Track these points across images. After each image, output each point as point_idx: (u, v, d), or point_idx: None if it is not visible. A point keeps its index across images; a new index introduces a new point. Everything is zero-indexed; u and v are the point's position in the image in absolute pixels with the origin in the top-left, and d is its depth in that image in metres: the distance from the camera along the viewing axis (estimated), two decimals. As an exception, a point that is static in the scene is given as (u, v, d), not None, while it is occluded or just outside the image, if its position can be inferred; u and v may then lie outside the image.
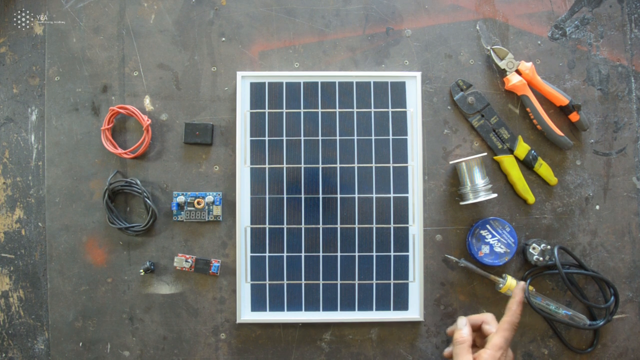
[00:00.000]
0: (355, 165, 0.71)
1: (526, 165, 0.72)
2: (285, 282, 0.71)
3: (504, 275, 0.69)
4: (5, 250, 0.72)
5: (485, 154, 0.72)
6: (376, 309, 0.71)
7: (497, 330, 0.62)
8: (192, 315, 0.71)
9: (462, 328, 0.64)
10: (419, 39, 0.73)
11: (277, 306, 0.71)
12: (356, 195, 0.71)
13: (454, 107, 0.73)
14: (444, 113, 0.73)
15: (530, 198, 0.71)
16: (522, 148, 0.71)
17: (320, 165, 0.71)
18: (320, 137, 0.71)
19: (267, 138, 0.71)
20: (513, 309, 0.63)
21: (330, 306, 0.71)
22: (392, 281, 0.71)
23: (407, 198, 0.71)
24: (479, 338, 0.66)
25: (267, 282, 0.71)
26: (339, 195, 0.71)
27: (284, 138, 0.71)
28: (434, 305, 0.72)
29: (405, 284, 0.71)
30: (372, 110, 0.72)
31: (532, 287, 0.70)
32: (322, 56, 0.73)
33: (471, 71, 0.73)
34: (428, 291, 0.72)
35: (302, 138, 0.71)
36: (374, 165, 0.71)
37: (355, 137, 0.71)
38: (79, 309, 0.71)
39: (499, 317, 0.66)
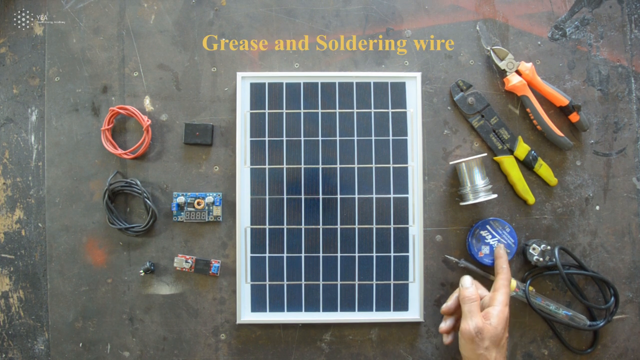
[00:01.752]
0: (355, 165, 0.71)
1: (526, 165, 0.72)
2: (285, 282, 0.71)
3: (504, 275, 0.69)
4: (5, 251, 0.72)
5: (485, 154, 0.72)
6: (376, 310, 0.71)
7: (497, 288, 0.63)
8: (192, 316, 0.71)
9: (470, 287, 0.64)
10: (419, 39, 0.73)
11: (277, 307, 0.71)
12: (356, 196, 0.71)
13: (454, 107, 0.73)
14: (444, 113, 0.73)
15: (530, 198, 0.71)
16: (522, 148, 0.71)
17: (321, 166, 0.71)
18: (320, 138, 0.71)
19: (267, 138, 0.71)
20: (504, 267, 0.65)
21: (330, 307, 0.71)
22: (392, 282, 0.71)
23: (407, 198, 0.71)
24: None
25: (267, 282, 0.71)
26: (339, 196, 0.71)
27: (284, 138, 0.71)
28: (434, 305, 0.72)
29: (405, 284, 0.71)
30: (372, 110, 0.72)
31: (532, 288, 0.70)
32: (322, 57, 0.73)
33: (471, 72, 0.73)
34: (428, 292, 0.72)
35: (302, 138, 0.71)
36: (374, 165, 0.71)
37: (355, 138, 0.71)
38: (79, 310, 0.71)
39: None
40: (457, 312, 0.67)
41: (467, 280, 0.65)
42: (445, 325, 0.67)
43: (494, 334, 0.59)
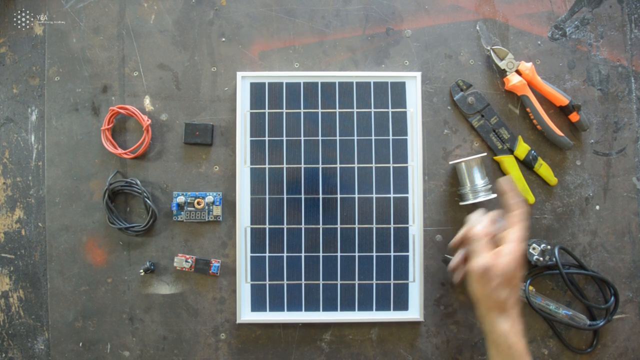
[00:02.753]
0: (355, 165, 0.71)
1: (526, 165, 0.72)
2: (285, 282, 0.71)
3: (504, 275, 0.69)
4: (5, 251, 0.72)
5: (485, 154, 0.72)
6: (376, 309, 0.71)
7: (512, 224, 0.58)
8: (192, 316, 0.71)
9: (479, 224, 0.59)
10: (419, 39, 0.73)
11: (277, 306, 0.71)
12: (356, 196, 0.71)
13: (454, 107, 0.73)
14: (444, 113, 0.73)
15: (530, 198, 0.71)
16: (522, 148, 0.71)
17: (320, 166, 0.71)
18: (320, 137, 0.71)
19: (267, 138, 0.71)
20: (515, 201, 0.60)
21: (330, 306, 0.71)
22: (392, 281, 0.71)
23: (407, 198, 0.71)
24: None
25: (267, 282, 0.71)
26: (339, 196, 0.71)
27: (284, 138, 0.71)
28: (434, 305, 0.72)
29: (405, 284, 0.71)
30: (372, 110, 0.72)
31: (532, 287, 0.70)
32: (322, 56, 0.73)
33: (471, 71, 0.73)
34: (428, 291, 0.72)
35: (302, 138, 0.71)
36: (374, 165, 0.71)
37: (355, 137, 0.71)
38: (79, 309, 0.71)
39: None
40: (465, 247, 0.63)
41: (476, 216, 0.61)
42: (453, 262, 0.63)
43: (503, 273, 0.55)
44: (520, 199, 0.60)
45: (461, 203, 0.70)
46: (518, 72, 0.71)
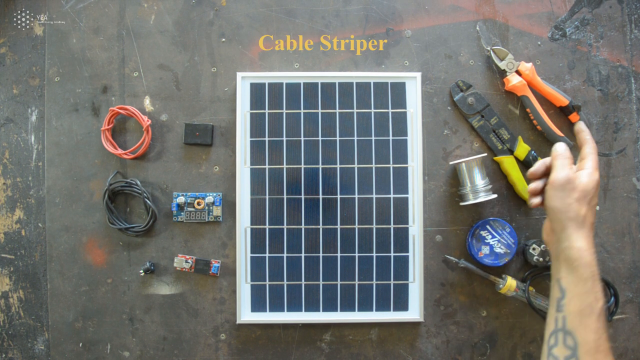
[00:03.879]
0: (355, 165, 0.71)
1: (526, 165, 0.72)
2: (285, 282, 0.71)
3: (503, 275, 0.69)
4: (5, 251, 0.72)
5: (485, 154, 0.72)
6: (376, 310, 0.71)
7: (584, 157, 0.61)
8: (192, 316, 0.71)
9: (563, 149, 0.61)
10: (419, 40, 0.73)
11: (277, 307, 0.71)
12: (356, 196, 0.71)
13: (454, 107, 0.73)
14: (444, 114, 0.73)
15: (530, 198, 0.71)
16: (522, 148, 0.71)
17: (320, 166, 0.71)
18: (320, 138, 0.71)
19: (267, 139, 0.71)
20: (588, 138, 0.63)
21: (330, 307, 0.71)
22: (392, 282, 0.71)
23: (407, 199, 0.71)
24: None
25: (267, 282, 0.71)
26: (339, 196, 0.71)
27: (284, 139, 0.71)
28: (434, 305, 0.72)
29: (405, 284, 0.71)
30: (372, 110, 0.72)
31: (532, 288, 0.70)
32: (322, 56, 0.73)
33: (471, 72, 0.73)
34: (428, 292, 0.72)
35: (302, 139, 0.71)
36: (374, 165, 0.71)
37: (355, 138, 0.71)
38: (79, 310, 0.71)
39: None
40: (544, 176, 0.63)
41: (560, 145, 0.62)
42: (534, 184, 0.62)
43: (584, 189, 0.57)
44: (591, 138, 0.63)
45: (461, 203, 0.70)
46: (518, 72, 0.71)
